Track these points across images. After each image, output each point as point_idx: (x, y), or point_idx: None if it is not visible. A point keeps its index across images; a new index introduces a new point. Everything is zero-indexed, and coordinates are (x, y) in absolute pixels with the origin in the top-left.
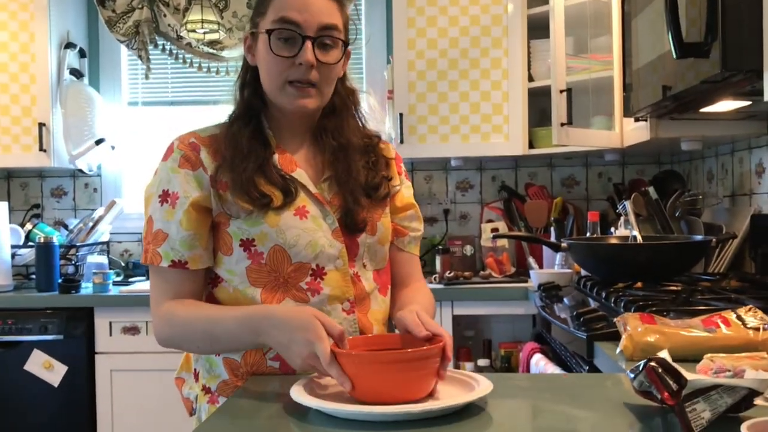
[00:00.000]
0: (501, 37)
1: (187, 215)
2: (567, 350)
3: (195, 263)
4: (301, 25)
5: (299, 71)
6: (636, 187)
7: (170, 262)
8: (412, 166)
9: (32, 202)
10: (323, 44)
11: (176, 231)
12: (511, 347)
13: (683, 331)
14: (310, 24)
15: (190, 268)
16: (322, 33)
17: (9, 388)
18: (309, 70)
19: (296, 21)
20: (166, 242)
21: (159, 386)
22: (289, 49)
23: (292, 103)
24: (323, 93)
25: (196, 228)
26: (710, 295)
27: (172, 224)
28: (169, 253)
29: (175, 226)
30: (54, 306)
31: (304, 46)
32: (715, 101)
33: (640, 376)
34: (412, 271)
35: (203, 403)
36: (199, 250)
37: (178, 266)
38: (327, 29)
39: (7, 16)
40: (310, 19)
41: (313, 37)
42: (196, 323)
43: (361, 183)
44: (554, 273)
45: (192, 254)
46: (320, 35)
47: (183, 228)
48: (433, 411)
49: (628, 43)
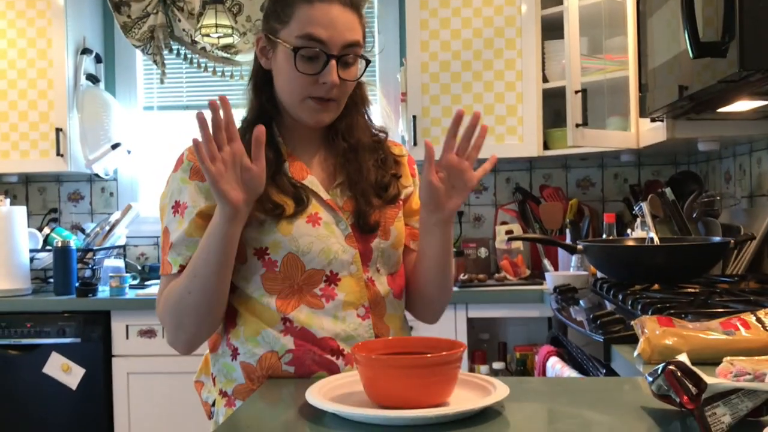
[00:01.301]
0: (515, 38)
1: (193, 223)
2: (584, 353)
3: None
4: (326, 44)
5: (322, 89)
6: (652, 188)
7: (178, 267)
8: None
9: (50, 207)
10: (345, 63)
11: (182, 238)
12: (526, 350)
13: (702, 334)
14: (335, 42)
15: None
16: (346, 51)
17: (28, 391)
18: (332, 89)
19: (322, 39)
20: (173, 249)
21: (175, 389)
22: (312, 67)
23: (312, 119)
24: (340, 106)
25: (201, 234)
26: (729, 297)
27: (180, 232)
28: (177, 259)
29: (182, 234)
30: (71, 309)
31: (329, 66)
32: (733, 101)
33: (658, 380)
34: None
35: (221, 407)
36: None
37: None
38: (351, 46)
39: (24, 23)
40: (336, 36)
41: (338, 55)
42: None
43: (372, 182)
44: (570, 275)
45: None
46: (343, 53)
47: (186, 234)
48: (450, 415)
49: (643, 43)
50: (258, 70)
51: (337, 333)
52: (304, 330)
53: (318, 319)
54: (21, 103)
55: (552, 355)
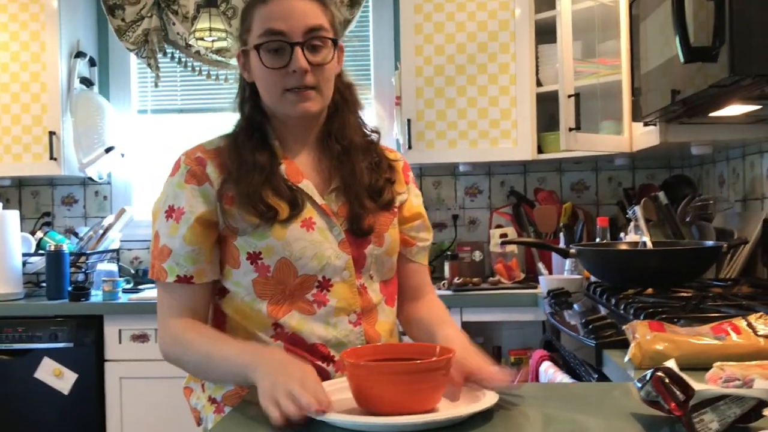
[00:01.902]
0: (508, 42)
1: (192, 230)
2: (576, 358)
3: (200, 277)
4: (286, 33)
5: (295, 78)
6: (646, 191)
7: (176, 277)
8: (421, 171)
9: (43, 210)
10: (312, 46)
11: (180, 246)
12: (520, 354)
13: (692, 339)
14: (295, 30)
15: (196, 283)
16: (310, 36)
17: (19, 396)
18: (304, 75)
19: (281, 30)
20: (171, 257)
21: (168, 394)
22: (280, 60)
23: (294, 110)
24: (323, 94)
25: (200, 243)
26: (721, 301)
27: (176, 239)
28: (174, 268)
29: (179, 241)
30: (64, 314)
31: (294, 53)
32: (725, 105)
33: (647, 386)
34: (423, 282)
35: (209, 413)
36: (203, 264)
37: (184, 281)
38: (313, 31)
39: (18, 26)
40: (295, 24)
41: (302, 42)
42: (194, 353)
43: (365, 185)
44: (564, 279)
45: (196, 268)
46: (308, 39)
47: (186, 243)
48: (439, 422)
49: (636, 47)
50: (243, 86)
51: (328, 339)
52: (294, 335)
53: (309, 324)
54: (14, 106)
55: (545, 359)
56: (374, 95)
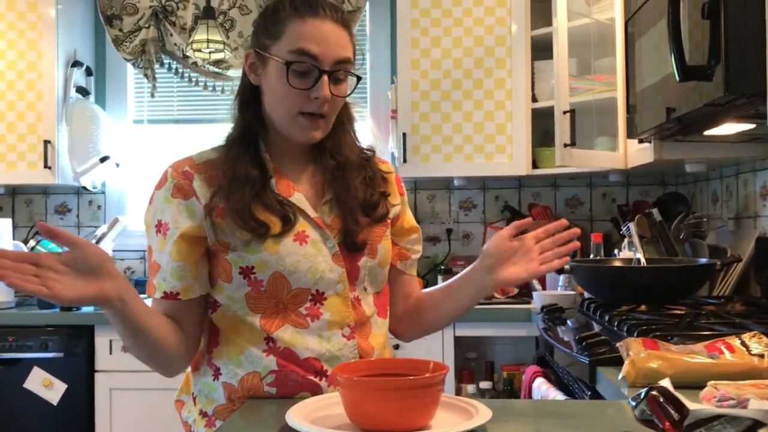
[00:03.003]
0: (505, 57)
1: (177, 246)
2: (569, 374)
3: (186, 293)
4: (318, 59)
5: (313, 104)
6: (640, 208)
7: (162, 293)
8: (415, 185)
9: (36, 219)
10: (337, 78)
11: (166, 262)
12: (513, 369)
13: (686, 357)
14: (327, 58)
15: (182, 299)
16: (338, 67)
17: (8, 406)
18: (323, 105)
19: (315, 54)
20: (159, 273)
21: (158, 405)
22: (304, 82)
23: (303, 135)
24: (330, 123)
25: (186, 258)
26: (715, 319)
27: (164, 255)
28: (162, 284)
29: (165, 258)
30: (55, 323)
31: (321, 81)
32: (719, 124)
33: (641, 405)
34: (414, 290)
35: (200, 427)
36: (189, 280)
37: (170, 297)
38: (342, 63)
39: (15, 35)
40: (328, 52)
41: (329, 71)
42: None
43: (359, 201)
44: (557, 295)
45: (183, 285)
46: (335, 69)
47: (172, 259)
48: None
49: (631, 65)
50: (246, 87)
51: (322, 353)
52: (287, 350)
53: (302, 338)
54: (9, 114)
55: (538, 375)
56: (370, 108)
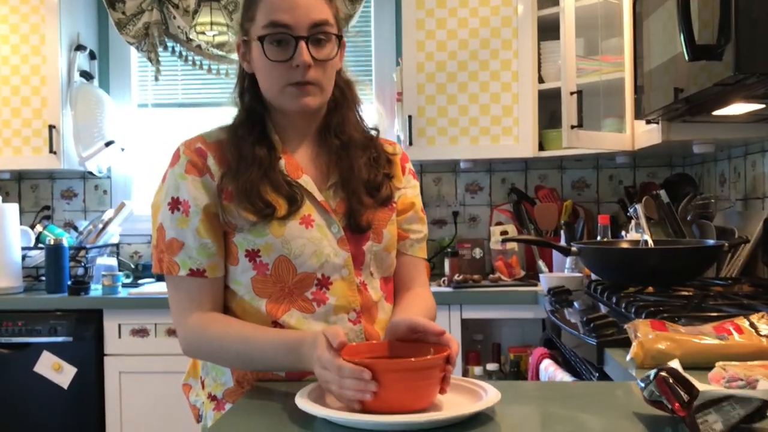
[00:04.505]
0: (511, 38)
1: (203, 223)
2: (577, 356)
3: (213, 271)
4: (291, 26)
5: (297, 73)
6: (647, 190)
7: (188, 270)
8: (421, 168)
9: (42, 204)
10: (317, 41)
11: (193, 239)
12: (520, 351)
13: (694, 339)
14: (300, 23)
15: (208, 277)
16: (314, 30)
17: (18, 390)
18: (307, 70)
19: (286, 23)
20: (182, 251)
21: (168, 388)
22: (283, 52)
23: (295, 104)
24: (324, 89)
25: (213, 236)
26: (722, 300)
27: (188, 232)
28: (187, 262)
29: (191, 234)
30: (63, 308)
31: (299, 48)
32: (728, 104)
33: (650, 386)
34: (414, 275)
35: (209, 411)
36: (216, 258)
37: (197, 275)
38: (318, 25)
39: (18, 19)
40: (300, 18)
41: (306, 36)
42: (230, 343)
43: (363, 181)
44: (564, 277)
45: (210, 262)
46: (312, 33)
47: (200, 236)
48: (441, 420)
49: (639, 45)
50: (242, 76)
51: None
52: None
53: (309, 323)
54: (14, 99)
55: (545, 357)
56: (375, 91)
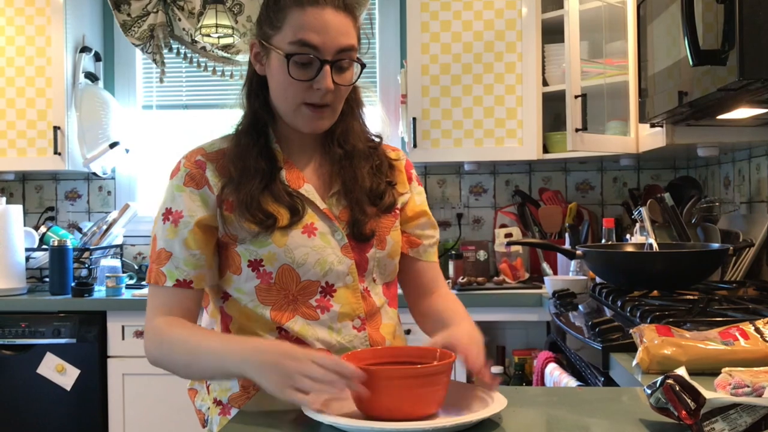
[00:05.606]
0: (515, 41)
1: (193, 235)
2: (582, 359)
3: (199, 283)
4: (319, 49)
5: (316, 95)
6: (651, 192)
7: (175, 281)
8: (425, 170)
9: (46, 205)
10: (340, 67)
11: (180, 250)
12: (524, 354)
13: (700, 344)
14: (328, 47)
15: (195, 288)
16: (340, 56)
17: (22, 392)
18: (326, 95)
19: (315, 45)
20: (170, 261)
21: (171, 391)
22: (306, 73)
23: (308, 126)
24: (337, 110)
25: (202, 248)
26: (727, 304)
27: (176, 243)
28: (174, 273)
29: (178, 245)
30: (67, 309)
31: (323, 71)
32: (732, 109)
33: (657, 393)
34: (435, 278)
35: (215, 416)
36: (204, 269)
37: (183, 285)
38: (345, 51)
39: (23, 21)
40: (329, 41)
41: (331, 60)
42: (178, 351)
43: (366, 190)
44: (569, 280)
45: (197, 273)
46: (337, 58)
47: (188, 247)
48: (447, 427)
49: (643, 48)
50: (252, 76)
51: (332, 344)
52: (299, 340)
53: (313, 330)
54: (19, 100)
55: (551, 361)
56: (380, 93)
